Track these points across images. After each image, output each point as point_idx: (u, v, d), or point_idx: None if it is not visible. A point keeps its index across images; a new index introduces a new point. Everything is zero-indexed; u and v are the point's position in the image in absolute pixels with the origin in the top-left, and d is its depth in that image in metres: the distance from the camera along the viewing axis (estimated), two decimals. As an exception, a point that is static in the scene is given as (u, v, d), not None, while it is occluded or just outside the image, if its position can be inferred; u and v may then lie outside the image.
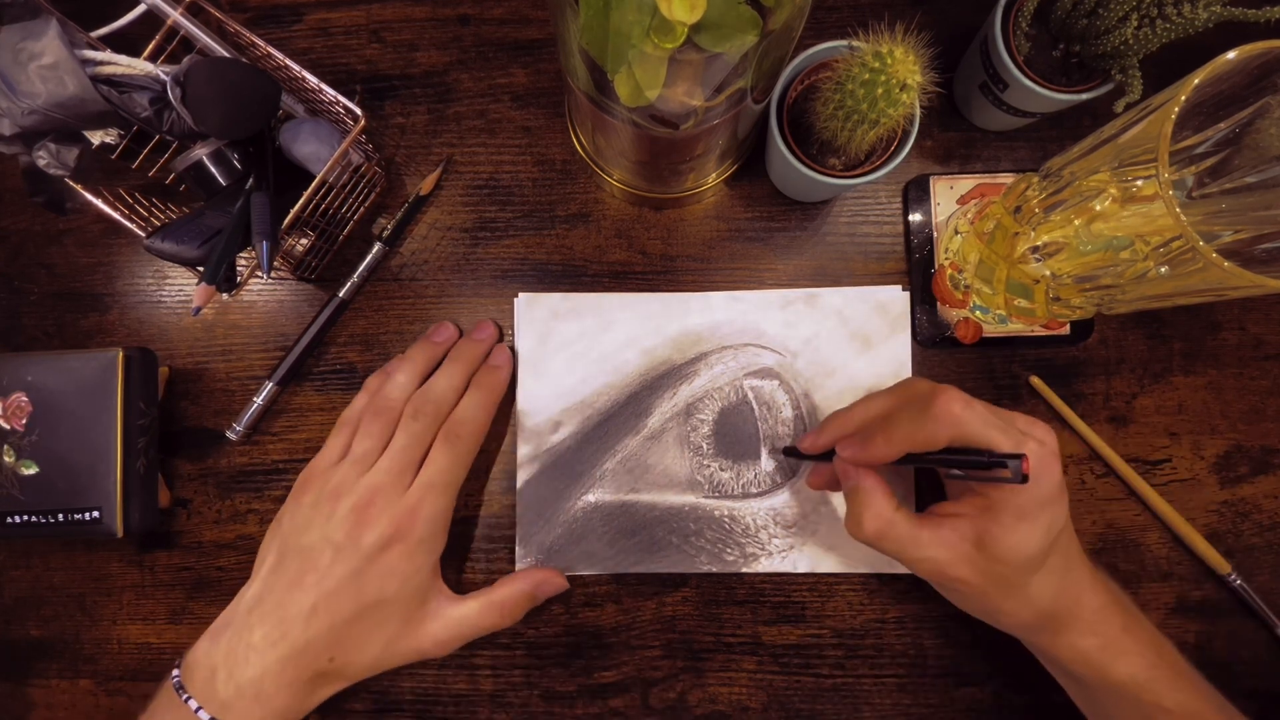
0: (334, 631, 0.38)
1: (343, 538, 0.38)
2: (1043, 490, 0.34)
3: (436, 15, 0.47)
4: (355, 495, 0.39)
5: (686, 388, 0.45)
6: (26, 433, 0.41)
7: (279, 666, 0.37)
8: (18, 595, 0.46)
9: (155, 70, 0.36)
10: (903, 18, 0.34)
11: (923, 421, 0.34)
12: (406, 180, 0.47)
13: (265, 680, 0.37)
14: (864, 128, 0.35)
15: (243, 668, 0.37)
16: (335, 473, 0.40)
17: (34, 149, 0.36)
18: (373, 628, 0.38)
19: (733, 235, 0.46)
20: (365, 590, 0.38)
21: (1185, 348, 0.45)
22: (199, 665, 0.38)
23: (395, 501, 0.39)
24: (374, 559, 0.38)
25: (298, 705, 0.38)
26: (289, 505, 0.41)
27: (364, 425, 0.41)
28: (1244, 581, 0.43)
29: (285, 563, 0.39)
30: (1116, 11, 0.35)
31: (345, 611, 0.38)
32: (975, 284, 0.43)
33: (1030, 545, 0.34)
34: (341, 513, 0.39)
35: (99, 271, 0.47)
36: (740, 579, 0.45)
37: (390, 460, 0.40)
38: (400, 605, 0.39)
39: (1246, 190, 0.33)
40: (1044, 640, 0.38)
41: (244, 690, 0.37)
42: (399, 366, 0.43)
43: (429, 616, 0.40)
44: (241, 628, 0.38)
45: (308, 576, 0.38)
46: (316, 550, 0.38)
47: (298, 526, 0.39)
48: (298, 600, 0.38)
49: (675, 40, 0.26)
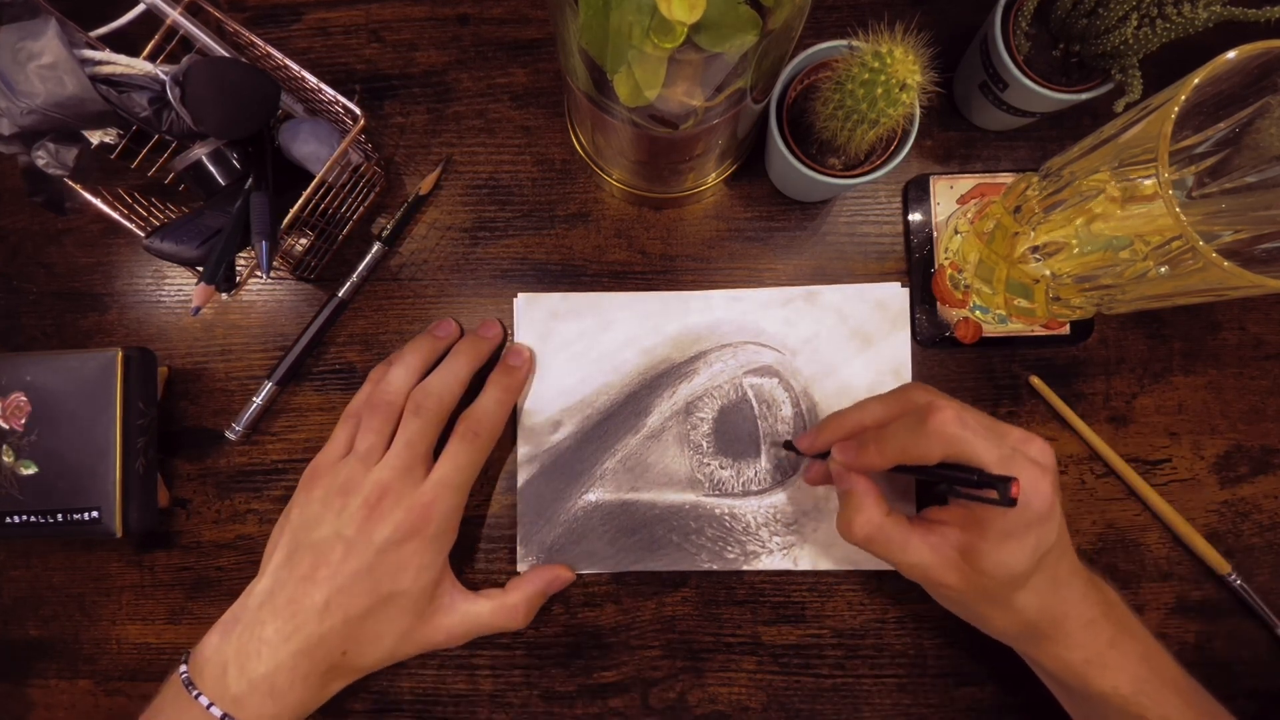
0: (348, 625, 0.38)
1: (355, 532, 0.38)
2: (1031, 511, 0.33)
3: (436, 15, 0.47)
4: (365, 491, 0.39)
5: (686, 386, 0.45)
6: (26, 433, 0.41)
7: (292, 661, 0.37)
8: (17, 595, 0.46)
9: (154, 70, 0.36)
10: (902, 17, 0.34)
11: (917, 436, 0.34)
12: (406, 180, 0.47)
13: (278, 675, 0.37)
14: (864, 127, 0.35)
15: (255, 663, 0.37)
16: (343, 468, 0.40)
17: (33, 149, 0.36)
18: (386, 621, 0.39)
19: (732, 235, 0.46)
20: (379, 584, 0.38)
21: (1185, 347, 0.45)
22: (209, 661, 0.37)
23: (407, 496, 0.39)
24: (387, 553, 0.38)
25: (310, 699, 0.38)
26: (297, 499, 0.41)
27: (365, 420, 0.41)
28: (1244, 581, 0.43)
29: (296, 557, 0.39)
30: (1116, 11, 0.35)
31: (359, 605, 0.38)
32: (975, 284, 0.43)
33: (1014, 564, 0.34)
34: (353, 508, 0.39)
35: (98, 271, 0.47)
36: (740, 579, 0.45)
37: (397, 456, 0.40)
38: (413, 599, 0.39)
39: (1246, 190, 0.33)
40: (1029, 649, 0.38)
41: (257, 685, 0.36)
42: (399, 360, 0.43)
43: (441, 610, 0.41)
44: (252, 623, 0.38)
45: (320, 571, 0.38)
46: (329, 545, 0.38)
47: (308, 521, 0.39)
48: (311, 594, 0.38)
49: (675, 40, 0.26)
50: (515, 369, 0.44)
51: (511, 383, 0.44)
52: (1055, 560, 0.36)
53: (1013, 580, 0.35)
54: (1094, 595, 0.37)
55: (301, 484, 0.41)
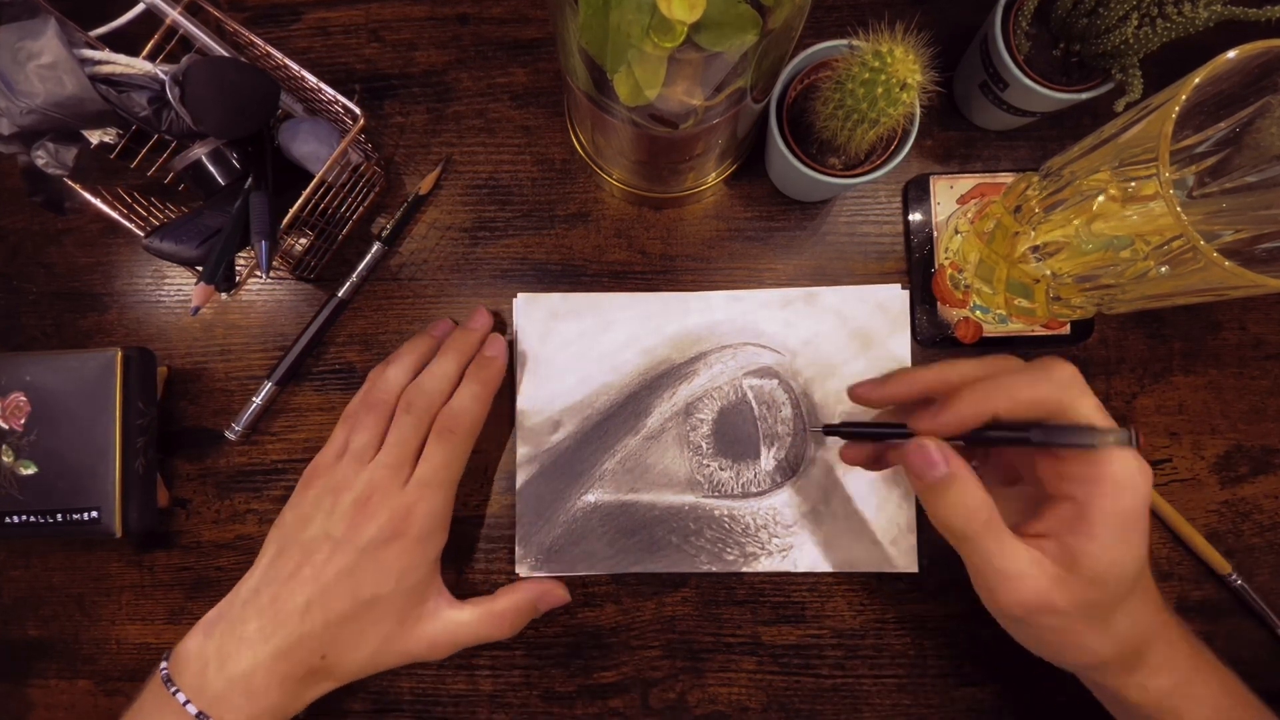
0: (328, 628, 0.37)
1: (342, 532, 0.38)
2: (1142, 488, 0.30)
3: (435, 14, 0.47)
4: (357, 490, 0.39)
5: (686, 387, 0.45)
6: (25, 432, 0.41)
7: (271, 661, 0.36)
8: (17, 595, 0.46)
9: (154, 69, 0.36)
10: (902, 17, 0.34)
11: (1038, 383, 0.31)
12: (405, 180, 0.47)
13: (256, 674, 0.36)
14: (864, 127, 0.35)
15: (234, 661, 0.36)
16: (338, 467, 0.40)
17: (32, 148, 0.36)
18: (367, 625, 0.38)
19: (732, 235, 0.46)
20: (361, 586, 0.38)
21: (1185, 347, 0.45)
22: (191, 658, 0.37)
23: (393, 497, 0.39)
24: (371, 554, 0.38)
25: (287, 704, 0.37)
26: (293, 499, 0.41)
27: (359, 420, 0.41)
28: (1244, 581, 0.43)
29: (284, 556, 0.38)
30: (1117, 11, 0.35)
31: (340, 607, 0.37)
32: (975, 284, 0.43)
33: (1131, 561, 0.30)
34: (344, 506, 0.38)
35: (98, 271, 0.47)
36: (740, 579, 0.45)
37: (386, 455, 0.40)
38: (396, 603, 0.38)
39: (1247, 190, 0.33)
40: (1113, 680, 0.34)
41: (234, 684, 0.36)
42: (395, 359, 0.43)
43: (425, 617, 0.40)
44: (236, 620, 0.37)
45: (304, 570, 0.38)
46: (316, 544, 0.38)
47: (300, 520, 0.39)
48: (294, 594, 0.37)
49: (675, 39, 0.26)
50: (491, 359, 0.43)
51: (487, 375, 0.42)
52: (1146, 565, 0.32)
53: (1126, 583, 0.31)
54: (1168, 611, 0.34)
55: (299, 484, 0.41)
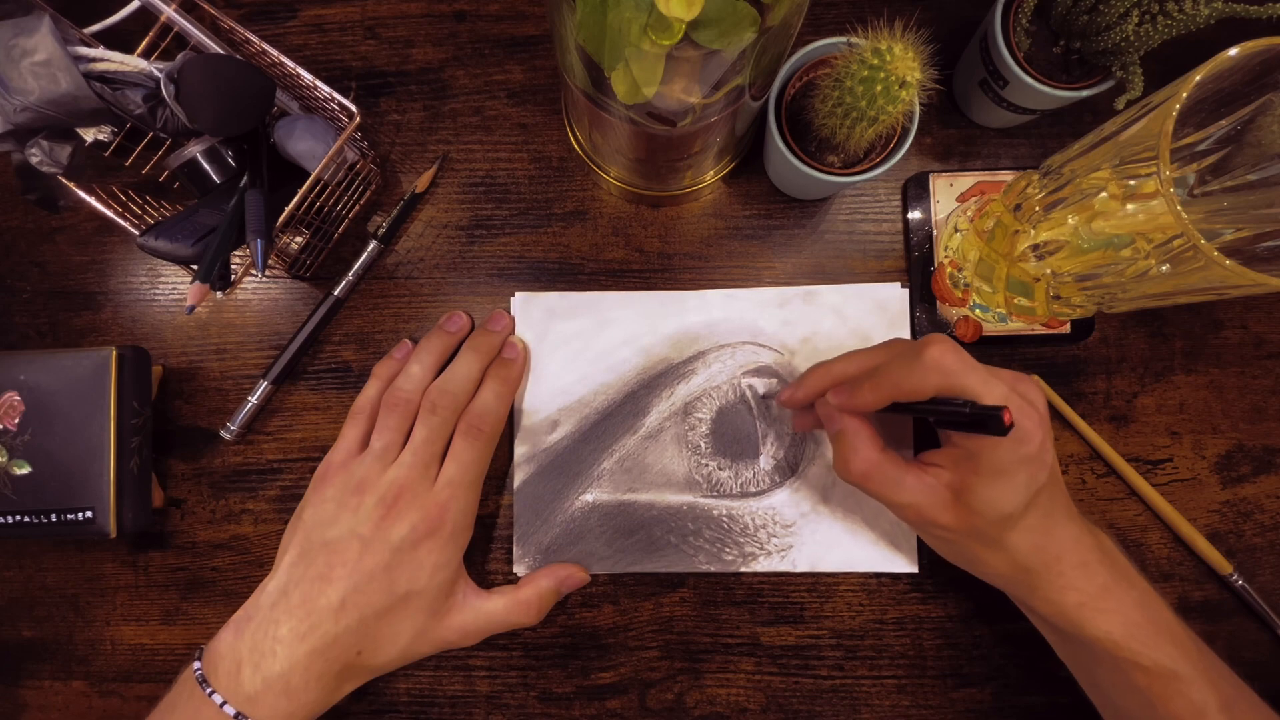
0: (364, 624, 0.38)
1: (370, 531, 0.38)
2: (1023, 448, 0.33)
3: (432, 11, 0.47)
4: (381, 489, 0.39)
5: (684, 386, 0.45)
6: (19, 432, 0.41)
7: (307, 660, 0.37)
8: (10, 596, 0.46)
9: (149, 67, 0.36)
10: (902, 14, 0.34)
11: (912, 369, 0.34)
12: (402, 178, 0.47)
13: (293, 674, 0.36)
14: (863, 125, 0.35)
15: (270, 661, 0.36)
16: (358, 466, 0.40)
17: (26, 146, 0.36)
18: (402, 620, 0.39)
19: (730, 233, 0.46)
20: (396, 583, 0.38)
21: (1186, 346, 0.45)
22: (223, 658, 0.37)
23: (423, 496, 0.39)
24: (404, 552, 0.38)
25: (324, 699, 0.38)
26: (310, 498, 0.41)
27: (381, 418, 0.41)
28: (1246, 582, 0.43)
29: (310, 556, 0.39)
30: (1117, 8, 0.35)
31: (376, 604, 0.38)
32: (975, 282, 0.43)
33: (1006, 502, 0.34)
34: (368, 506, 0.39)
35: (92, 270, 0.47)
36: (738, 579, 0.45)
37: (413, 455, 0.40)
38: (429, 598, 0.39)
39: (1248, 188, 0.33)
40: (1022, 593, 0.38)
41: (271, 684, 0.36)
42: (414, 357, 0.43)
43: (455, 608, 0.41)
44: (266, 621, 0.37)
45: (336, 570, 0.38)
46: (344, 543, 0.38)
47: (321, 520, 0.39)
48: (326, 593, 0.37)
49: (673, 37, 0.26)
50: (511, 361, 0.44)
51: (509, 375, 0.43)
52: (1048, 501, 0.35)
53: (1004, 519, 0.35)
54: (1088, 539, 0.37)
55: (313, 483, 0.41)
